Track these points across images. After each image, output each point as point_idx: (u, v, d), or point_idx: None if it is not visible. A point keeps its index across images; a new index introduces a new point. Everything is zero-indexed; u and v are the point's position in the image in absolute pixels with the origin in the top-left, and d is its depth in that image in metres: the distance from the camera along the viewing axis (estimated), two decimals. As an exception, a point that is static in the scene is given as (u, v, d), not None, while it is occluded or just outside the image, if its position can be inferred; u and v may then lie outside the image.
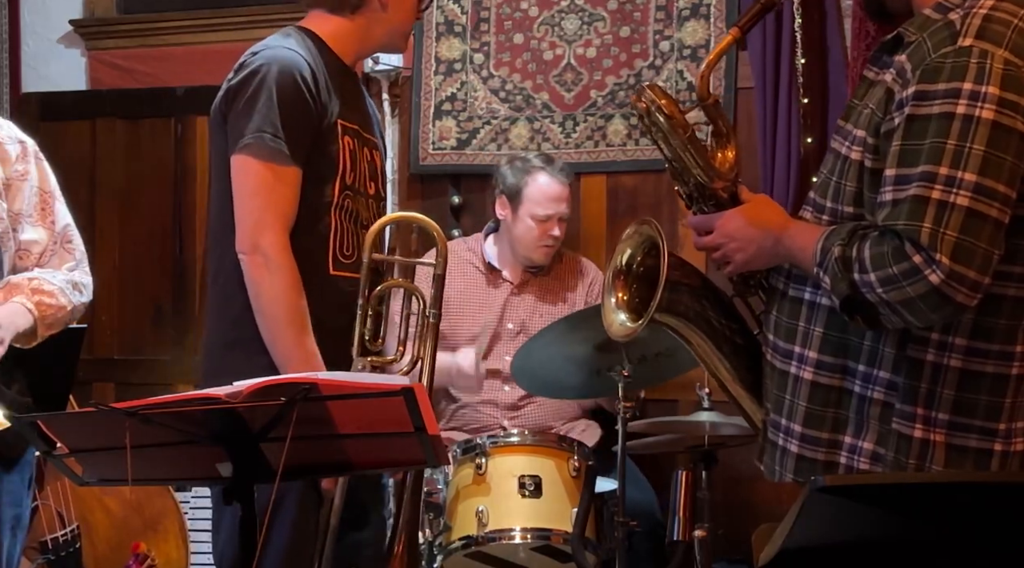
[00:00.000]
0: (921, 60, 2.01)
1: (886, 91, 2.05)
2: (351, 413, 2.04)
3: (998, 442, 2.08)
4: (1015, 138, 1.96)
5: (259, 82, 2.61)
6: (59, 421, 2.19)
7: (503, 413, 3.97)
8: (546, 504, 3.30)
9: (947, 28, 2.03)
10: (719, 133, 2.29)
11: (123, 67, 4.95)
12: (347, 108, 2.74)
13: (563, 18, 4.54)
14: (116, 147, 4.94)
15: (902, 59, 2.06)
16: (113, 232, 4.89)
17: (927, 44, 2.02)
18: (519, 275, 4.08)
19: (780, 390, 2.21)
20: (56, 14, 5.08)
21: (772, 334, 2.23)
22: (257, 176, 2.59)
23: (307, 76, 2.63)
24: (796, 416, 2.17)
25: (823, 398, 2.15)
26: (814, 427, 2.15)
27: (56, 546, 3.54)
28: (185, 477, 2.25)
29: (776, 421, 2.22)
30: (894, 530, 1.69)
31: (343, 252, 2.69)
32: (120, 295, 4.91)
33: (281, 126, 2.58)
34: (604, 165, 4.47)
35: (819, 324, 2.15)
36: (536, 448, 3.39)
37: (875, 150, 2.06)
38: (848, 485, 1.74)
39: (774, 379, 2.23)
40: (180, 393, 2.17)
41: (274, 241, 2.58)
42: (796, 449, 2.18)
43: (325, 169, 2.67)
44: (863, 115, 2.10)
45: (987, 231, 1.95)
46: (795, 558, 1.70)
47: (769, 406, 2.25)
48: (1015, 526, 1.67)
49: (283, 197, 2.60)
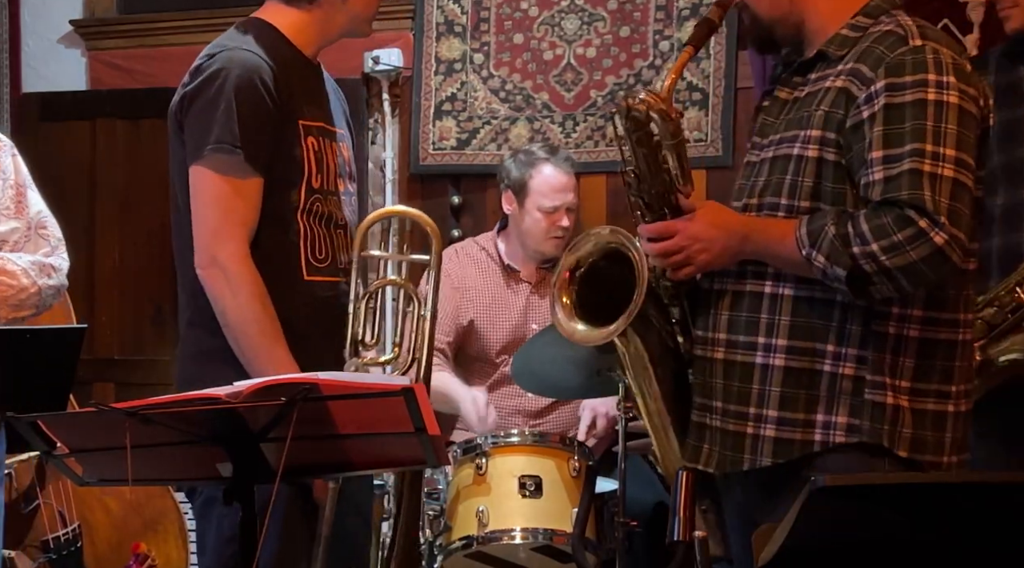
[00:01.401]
0: (879, 60, 2.22)
1: (839, 92, 2.24)
2: (351, 413, 2.04)
3: (951, 404, 2.28)
4: (972, 119, 2.21)
5: (217, 88, 2.52)
6: (59, 421, 2.20)
7: (525, 421, 3.95)
8: (546, 504, 3.30)
9: (891, 35, 2.26)
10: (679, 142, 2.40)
11: (123, 67, 4.95)
12: (309, 105, 2.65)
13: (563, 18, 4.54)
14: (116, 147, 4.94)
15: (846, 67, 2.26)
16: (113, 232, 4.89)
17: (878, 48, 2.24)
18: (534, 274, 4.05)
19: (745, 381, 2.31)
20: (56, 14, 5.08)
21: (725, 332, 2.34)
22: (214, 188, 2.52)
23: (267, 78, 2.54)
24: (769, 402, 2.29)
25: (795, 381, 2.27)
26: (789, 409, 2.27)
27: (57, 545, 3.54)
28: (185, 477, 2.24)
29: (742, 412, 2.32)
30: (894, 530, 1.69)
31: (315, 256, 2.62)
32: (120, 295, 4.91)
33: (240, 135, 2.49)
34: (604, 165, 4.47)
35: (784, 313, 2.29)
36: (536, 448, 3.38)
37: (837, 144, 2.24)
38: (848, 485, 1.74)
39: (733, 373, 2.33)
40: (180, 393, 2.17)
41: (232, 253, 2.51)
42: (773, 433, 2.29)
43: (290, 174, 2.59)
44: (813, 118, 2.26)
45: (967, 198, 2.18)
46: (795, 558, 1.71)
47: (718, 401, 2.35)
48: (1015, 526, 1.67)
49: (242, 209, 2.52)
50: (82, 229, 4.77)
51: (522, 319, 3.99)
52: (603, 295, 2.41)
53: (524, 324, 3.98)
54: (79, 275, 4.65)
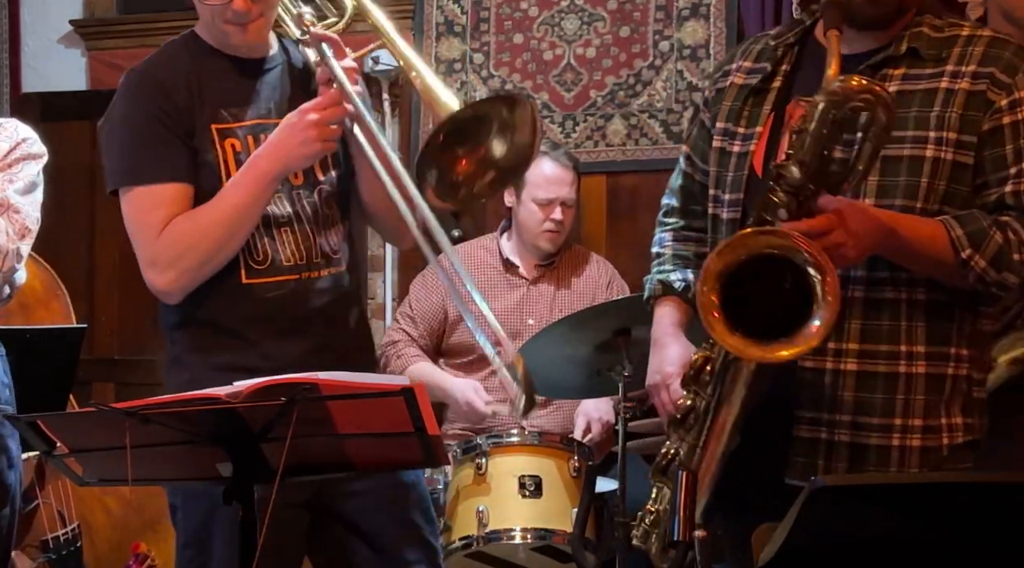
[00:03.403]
0: (1011, 67, 2.20)
1: (970, 95, 2.19)
2: (351, 413, 2.04)
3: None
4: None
5: (107, 120, 2.57)
6: (59, 421, 2.19)
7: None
8: (546, 504, 3.31)
9: (1002, 41, 2.24)
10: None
11: (123, 67, 4.88)
12: (231, 106, 2.55)
13: (563, 18, 4.54)
14: (116, 147, 4.94)
15: (967, 69, 2.21)
16: (113, 232, 4.87)
17: (1003, 54, 2.21)
18: (532, 269, 4.07)
19: (888, 393, 2.23)
20: (56, 14, 5.08)
21: (858, 342, 2.23)
22: (131, 221, 2.54)
23: (155, 93, 2.52)
24: (915, 411, 2.23)
25: (934, 387, 2.24)
26: (932, 417, 2.24)
27: (57, 545, 3.55)
28: (185, 477, 2.24)
29: (887, 424, 2.23)
30: (894, 530, 1.69)
31: (254, 259, 2.53)
32: (120, 295, 4.91)
33: (134, 158, 2.50)
34: (604, 165, 4.47)
35: (919, 319, 2.23)
36: (536, 448, 3.39)
37: (971, 147, 2.19)
38: (848, 485, 1.74)
39: (873, 385, 2.22)
40: (180, 393, 2.17)
41: (168, 280, 2.51)
42: (919, 442, 2.23)
43: (207, 181, 2.51)
44: (945, 119, 2.19)
45: None
46: (795, 558, 1.71)
47: (844, 415, 2.23)
48: (1015, 526, 1.67)
49: (159, 225, 2.50)
50: (82, 229, 4.78)
51: (517, 313, 4.00)
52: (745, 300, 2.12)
53: (519, 318, 4.00)
54: (79, 275, 4.66)
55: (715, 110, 2.39)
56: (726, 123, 2.36)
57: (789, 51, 2.33)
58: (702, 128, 2.43)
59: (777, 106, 2.30)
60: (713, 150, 2.37)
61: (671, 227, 2.51)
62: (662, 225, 2.54)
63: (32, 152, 2.95)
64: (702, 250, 2.43)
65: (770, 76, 2.33)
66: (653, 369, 2.39)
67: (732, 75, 2.38)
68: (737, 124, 2.34)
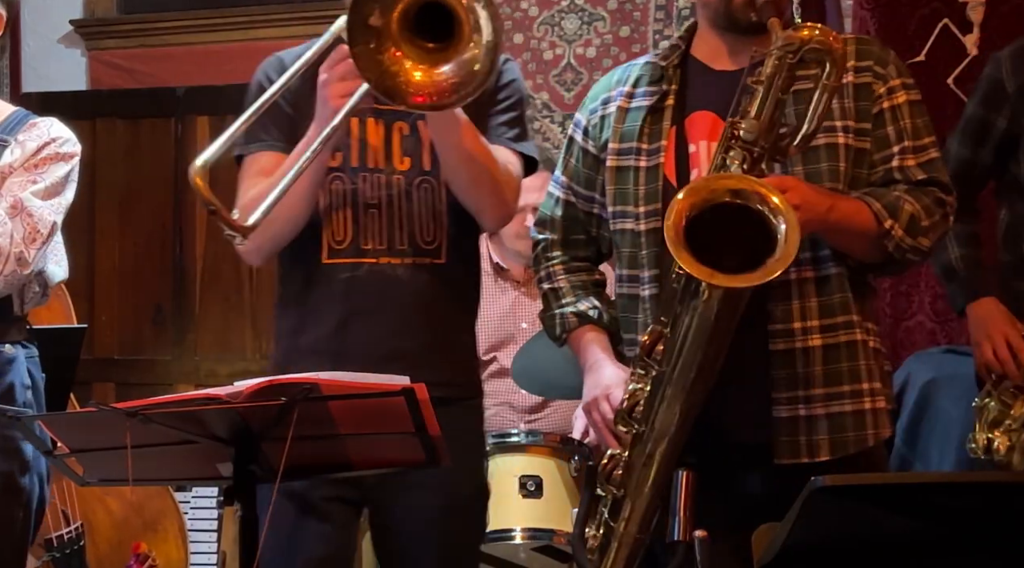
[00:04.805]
0: (881, 59, 2.40)
1: (858, 87, 2.38)
2: (352, 413, 2.04)
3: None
4: None
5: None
6: (59, 421, 2.20)
7: (520, 416, 3.94)
8: (546, 504, 3.31)
9: (863, 39, 2.49)
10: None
11: (123, 67, 4.96)
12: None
13: (563, 18, 4.55)
14: (116, 147, 4.94)
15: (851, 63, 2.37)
16: (113, 232, 4.89)
17: (870, 48, 2.42)
18: (523, 273, 4.06)
19: (852, 360, 2.36)
20: (56, 14, 5.09)
21: (817, 318, 2.34)
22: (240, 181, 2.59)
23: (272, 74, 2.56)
24: (875, 376, 2.38)
25: (867, 354, 2.38)
26: (882, 381, 2.40)
27: (61, 544, 3.55)
28: (185, 477, 2.24)
29: (858, 390, 2.35)
30: (894, 530, 1.70)
31: (335, 239, 2.54)
32: (120, 295, 4.92)
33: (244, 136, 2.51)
34: (604, 165, 4.47)
35: (853, 291, 2.38)
36: (537, 448, 3.39)
37: (864, 133, 2.38)
38: (848, 485, 1.74)
39: (838, 356, 2.35)
40: (180, 393, 2.17)
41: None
42: (884, 404, 2.40)
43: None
44: (842, 110, 2.36)
45: None
46: (795, 558, 1.71)
47: (817, 388, 2.33)
48: (1015, 526, 1.67)
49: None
50: (82, 229, 4.77)
51: (511, 317, 3.99)
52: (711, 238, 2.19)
53: (513, 322, 3.99)
54: (79, 275, 4.65)
55: (604, 135, 2.51)
56: (623, 143, 2.47)
57: (676, 72, 2.47)
58: (585, 155, 2.55)
59: (676, 121, 2.43)
60: (608, 170, 2.48)
61: (557, 261, 2.60)
62: (546, 261, 2.61)
63: (61, 152, 2.96)
64: (595, 277, 2.59)
65: (664, 95, 2.47)
66: (590, 386, 2.45)
67: (614, 101, 2.53)
68: (640, 141, 2.45)
